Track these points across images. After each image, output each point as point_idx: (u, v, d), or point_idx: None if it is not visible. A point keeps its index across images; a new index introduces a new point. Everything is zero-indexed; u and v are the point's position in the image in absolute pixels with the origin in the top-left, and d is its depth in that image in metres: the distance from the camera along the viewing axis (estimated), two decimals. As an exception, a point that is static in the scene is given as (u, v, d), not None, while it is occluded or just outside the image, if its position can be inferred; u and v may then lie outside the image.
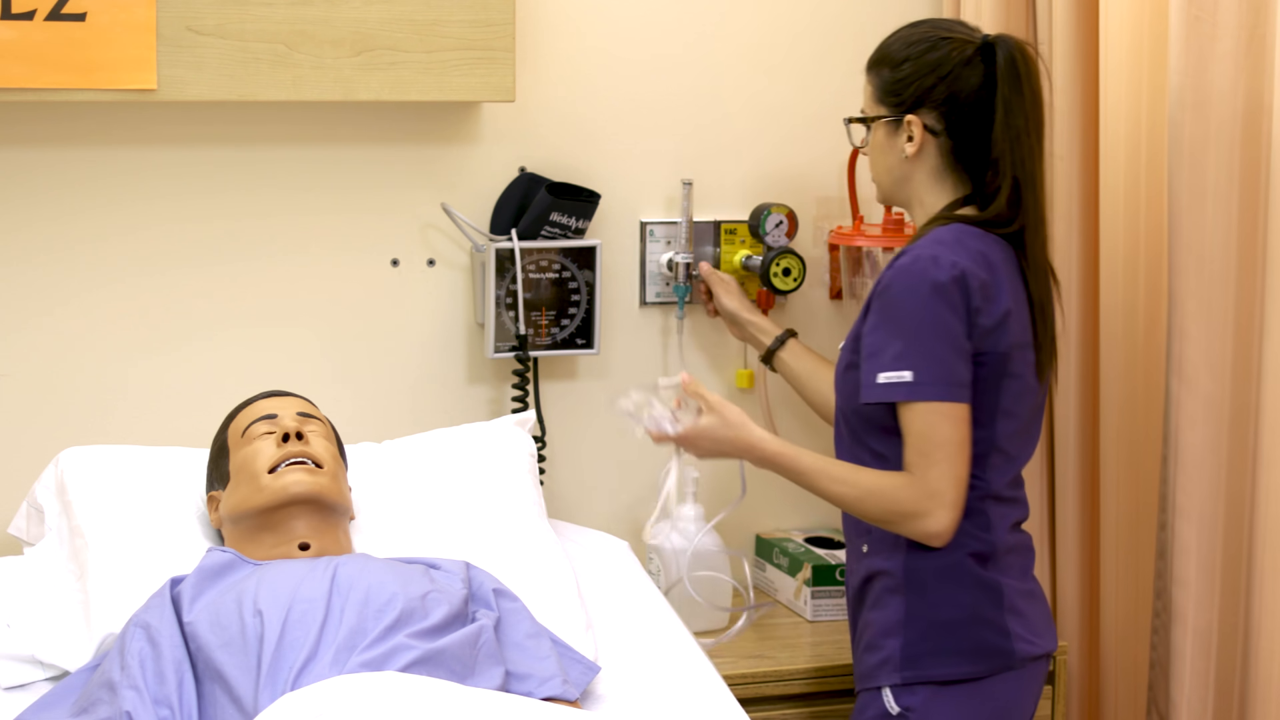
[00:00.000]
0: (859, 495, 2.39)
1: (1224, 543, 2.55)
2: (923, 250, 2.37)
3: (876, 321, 2.40)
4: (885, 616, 2.45)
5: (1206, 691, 2.56)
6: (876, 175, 2.54)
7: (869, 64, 2.53)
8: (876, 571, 2.47)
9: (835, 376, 2.53)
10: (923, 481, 2.36)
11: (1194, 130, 2.51)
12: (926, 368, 2.35)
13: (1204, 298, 2.53)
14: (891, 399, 2.37)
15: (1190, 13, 2.48)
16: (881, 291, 2.39)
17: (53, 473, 2.58)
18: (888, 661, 2.43)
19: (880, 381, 2.37)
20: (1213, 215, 2.51)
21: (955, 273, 2.35)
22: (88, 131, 2.76)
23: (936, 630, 2.42)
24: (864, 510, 2.40)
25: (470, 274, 2.96)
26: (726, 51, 3.06)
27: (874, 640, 2.47)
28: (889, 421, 2.42)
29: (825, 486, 2.42)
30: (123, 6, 2.59)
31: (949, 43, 2.44)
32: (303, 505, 2.38)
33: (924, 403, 2.36)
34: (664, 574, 2.92)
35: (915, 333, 2.36)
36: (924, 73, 2.44)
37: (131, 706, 2.12)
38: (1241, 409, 2.52)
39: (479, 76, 2.78)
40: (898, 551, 2.44)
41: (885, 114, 2.48)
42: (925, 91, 2.44)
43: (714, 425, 2.46)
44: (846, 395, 2.48)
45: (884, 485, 2.39)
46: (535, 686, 2.30)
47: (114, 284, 2.79)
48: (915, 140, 2.46)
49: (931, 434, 2.35)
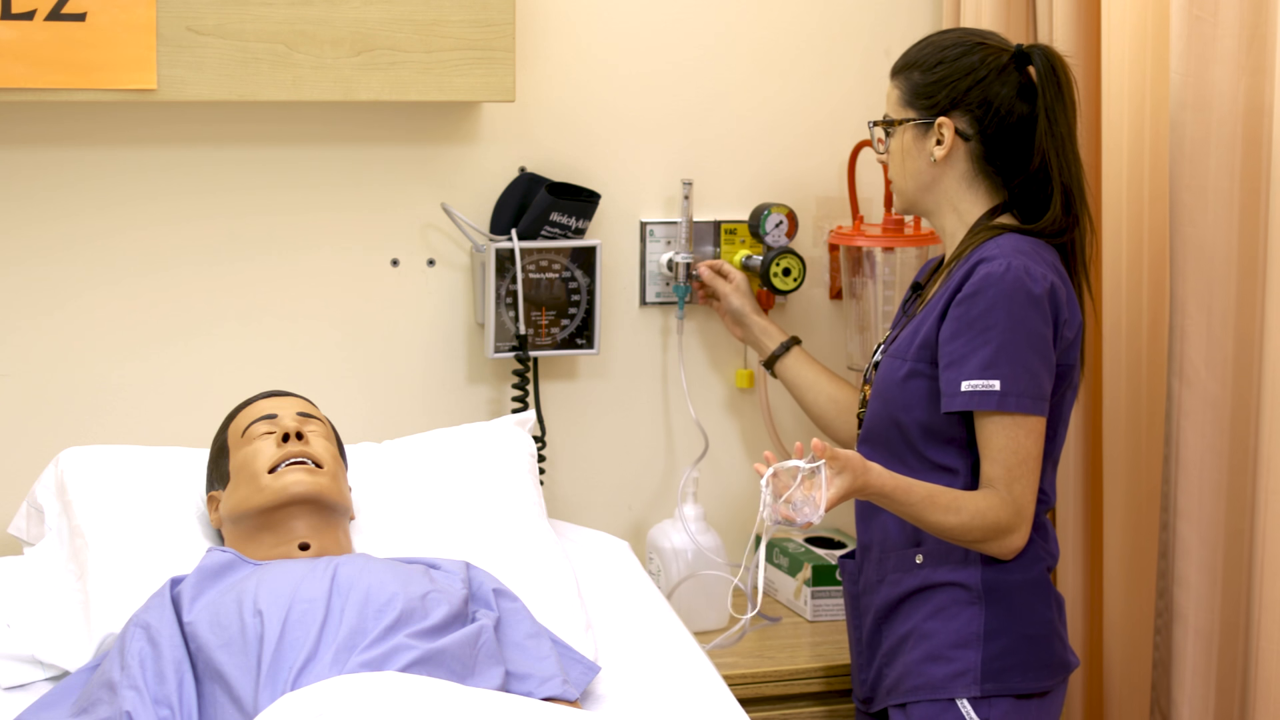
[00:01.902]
0: (965, 520, 2.33)
1: (1225, 543, 2.55)
2: (1011, 259, 2.34)
3: (958, 329, 2.36)
4: (957, 628, 2.41)
5: (1208, 691, 2.56)
6: (899, 181, 2.51)
7: (895, 69, 2.50)
8: (940, 583, 2.43)
9: (882, 385, 2.47)
10: (1010, 498, 2.33)
11: (1195, 130, 2.51)
12: (1015, 378, 2.32)
13: (1205, 298, 2.52)
14: (976, 408, 2.33)
15: (1191, 12, 2.48)
16: (966, 298, 2.35)
17: (53, 473, 2.58)
18: (965, 673, 2.39)
19: (965, 390, 2.33)
20: (1214, 215, 2.51)
21: (1047, 285, 2.35)
22: (88, 131, 2.76)
23: (1022, 644, 2.40)
24: (965, 533, 2.34)
25: (470, 274, 2.96)
26: (727, 52, 3.06)
27: (940, 651, 2.41)
28: (956, 432, 2.39)
29: (932, 516, 2.32)
30: (123, 6, 2.59)
31: (984, 49, 2.44)
32: (303, 505, 2.38)
33: (1009, 415, 2.33)
34: (664, 574, 2.92)
35: (1006, 342, 2.32)
36: (958, 76, 2.43)
37: (131, 706, 2.12)
38: (1243, 409, 2.52)
39: (479, 76, 2.78)
40: (969, 564, 2.41)
41: (915, 116, 2.46)
42: (960, 95, 2.42)
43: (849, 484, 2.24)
44: (905, 404, 2.43)
45: (984, 506, 2.33)
46: (535, 686, 2.30)
47: (114, 284, 2.79)
48: (945, 143, 2.43)
49: (1017, 448, 2.33)
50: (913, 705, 2.44)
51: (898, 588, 2.48)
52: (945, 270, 2.48)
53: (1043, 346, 2.34)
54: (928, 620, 2.44)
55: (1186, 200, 2.53)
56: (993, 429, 2.34)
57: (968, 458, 2.41)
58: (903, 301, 2.63)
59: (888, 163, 2.54)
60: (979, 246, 2.41)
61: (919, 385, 2.41)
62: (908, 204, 2.53)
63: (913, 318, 2.50)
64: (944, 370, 2.36)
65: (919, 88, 2.45)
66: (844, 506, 2.84)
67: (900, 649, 2.47)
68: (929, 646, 2.43)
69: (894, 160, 2.51)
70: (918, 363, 2.42)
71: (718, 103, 3.06)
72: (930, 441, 2.41)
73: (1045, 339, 2.35)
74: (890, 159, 2.52)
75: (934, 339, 2.40)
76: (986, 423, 2.34)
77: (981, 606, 2.40)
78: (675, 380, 3.07)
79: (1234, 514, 2.54)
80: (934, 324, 2.40)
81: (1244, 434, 2.52)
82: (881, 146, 2.53)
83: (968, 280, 2.37)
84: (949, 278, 2.43)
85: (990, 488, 2.35)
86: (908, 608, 2.46)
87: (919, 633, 2.44)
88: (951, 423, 2.39)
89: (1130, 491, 2.73)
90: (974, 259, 2.39)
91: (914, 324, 2.46)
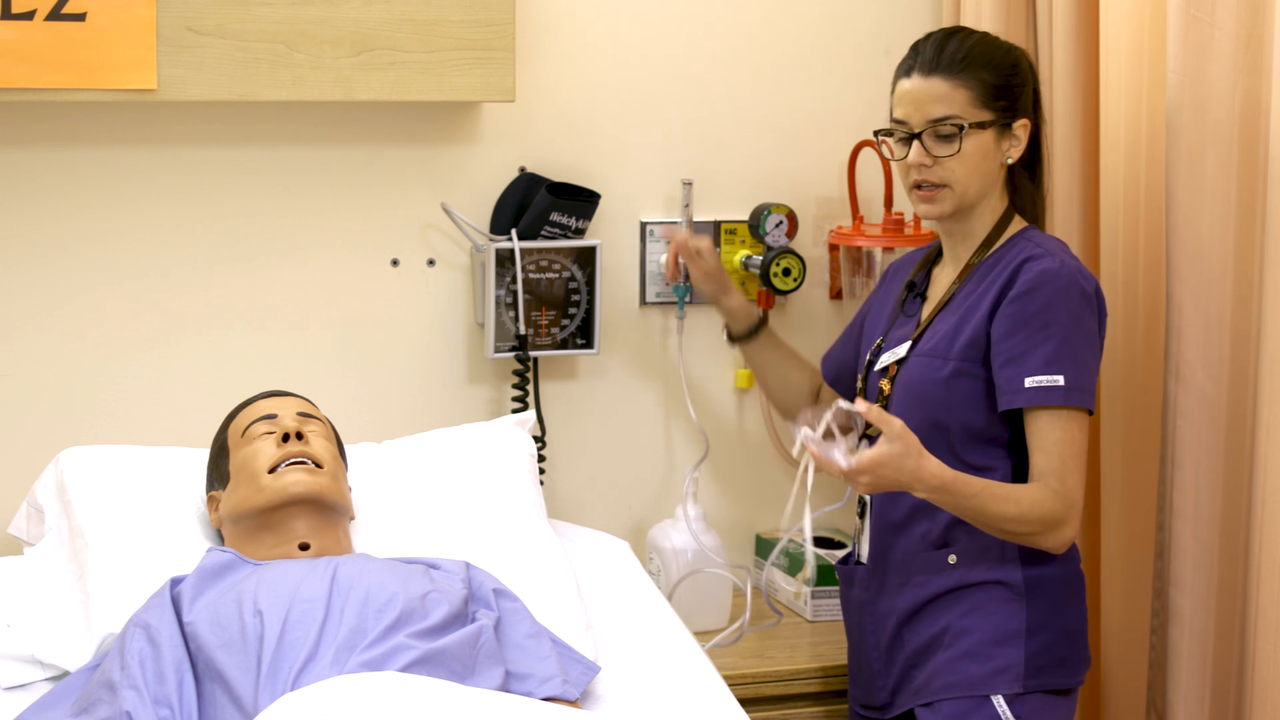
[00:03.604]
0: (1021, 511, 2.31)
1: (1221, 544, 2.55)
2: (1063, 257, 2.38)
3: (1014, 325, 2.36)
4: (996, 625, 2.39)
5: (1204, 692, 2.56)
6: (967, 182, 2.42)
7: (951, 66, 2.40)
8: (978, 581, 2.41)
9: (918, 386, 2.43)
10: (1063, 490, 2.33)
11: (1192, 130, 2.51)
12: (1077, 374, 2.34)
13: (1202, 298, 2.52)
14: (1041, 403, 2.33)
15: (1189, 13, 2.48)
16: (1022, 295, 2.36)
17: (53, 473, 2.58)
18: (1007, 669, 2.38)
19: (1029, 386, 2.33)
20: (1210, 215, 2.51)
21: (1094, 283, 2.39)
22: (88, 131, 2.76)
23: (1061, 639, 2.41)
24: (1020, 525, 2.32)
25: (470, 274, 2.96)
26: (727, 52, 3.06)
27: (979, 648, 2.40)
28: (1000, 432, 2.39)
29: (991, 507, 2.30)
30: (123, 6, 2.59)
31: (1021, 52, 2.48)
32: (303, 505, 2.38)
33: (1069, 409, 2.33)
34: (664, 574, 2.92)
35: (1068, 338, 2.34)
36: (1027, 79, 2.45)
37: (131, 706, 2.12)
38: (1239, 410, 2.52)
39: (479, 76, 2.78)
40: (1007, 561, 2.40)
41: (994, 118, 2.42)
42: (1033, 96, 2.46)
43: (897, 454, 2.23)
44: (951, 405, 2.40)
45: (1038, 497, 2.32)
46: (535, 686, 2.30)
47: (114, 284, 2.79)
48: (1021, 145, 2.44)
49: (1071, 441, 2.33)
50: (941, 703, 2.42)
51: (925, 589, 2.45)
52: (970, 267, 2.46)
53: (1095, 343, 2.39)
54: (964, 618, 2.42)
55: (1183, 200, 2.53)
56: (1049, 422, 2.33)
57: (1008, 458, 2.40)
58: (897, 301, 2.58)
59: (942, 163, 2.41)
60: (1011, 244, 2.43)
61: (966, 385, 2.40)
62: (964, 205, 2.45)
63: (934, 315, 2.47)
64: (1002, 368, 2.36)
65: (997, 89, 2.41)
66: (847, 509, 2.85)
67: (932, 648, 2.45)
68: (967, 644, 2.41)
69: (966, 161, 2.41)
70: (964, 361, 2.40)
71: (718, 103, 3.06)
72: (971, 442, 2.40)
73: (1097, 336, 2.39)
74: (961, 160, 2.40)
75: (983, 337, 2.39)
76: (1042, 416, 2.34)
77: (1023, 603, 2.39)
78: (675, 380, 3.07)
79: (1230, 514, 2.54)
80: (981, 322, 2.39)
81: (1240, 434, 2.52)
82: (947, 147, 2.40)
83: (1016, 278, 2.37)
84: (985, 276, 2.42)
85: (1041, 481, 2.34)
86: (936, 609, 2.44)
87: (954, 630, 2.42)
88: (995, 422, 2.39)
89: (1126, 492, 2.73)
90: (1016, 257, 2.40)
91: (949, 323, 2.44)
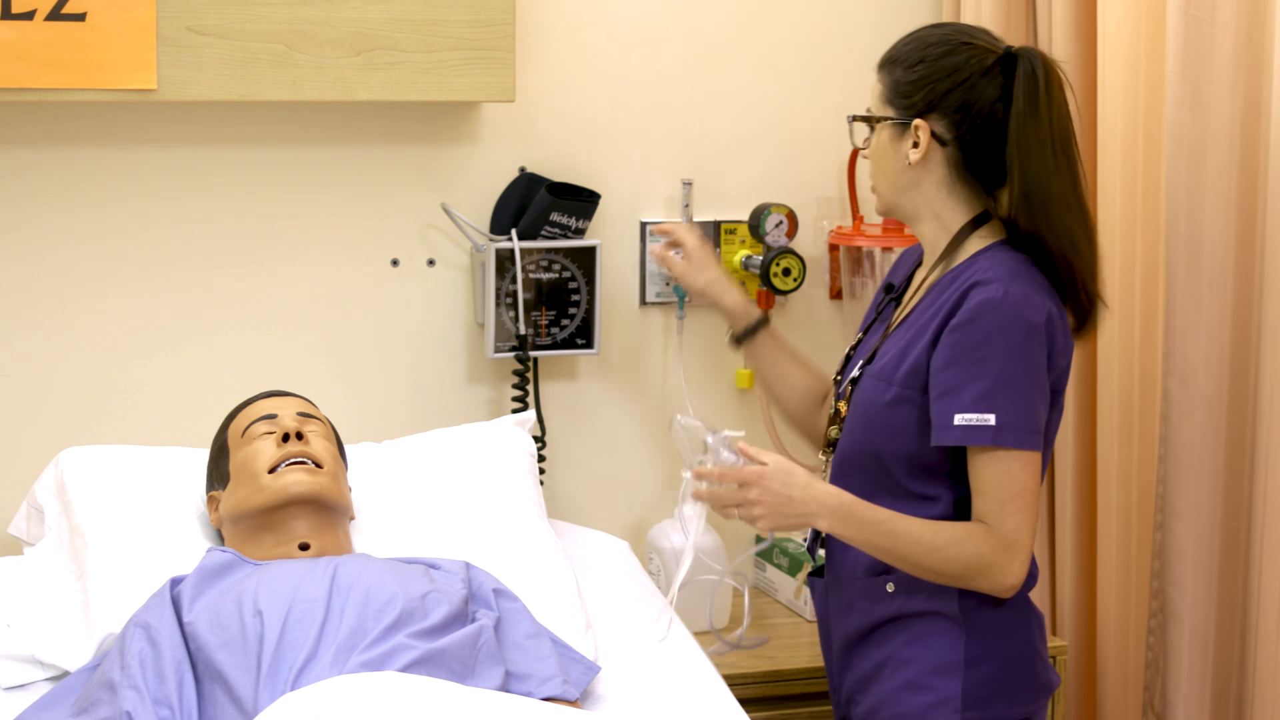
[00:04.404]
0: (937, 548, 2.22)
1: (1220, 543, 2.55)
2: (1009, 284, 2.22)
3: (951, 357, 2.23)
4: (935, 655, 2.30)
5: (1203, 691, 2.57)
6: (877, 182, 2.39)
7: (881, 62, 2.36)
8: (915, 612, 2.32)
9: (864, 407, 2.34)
10: (999, 533, 2.21)
11: (1192, 130, 2.51)
12: (1011, 412, 2.20)
13: (1201, 298, 2.53)
14: (969, 443, 2.21)
15: (1189, 13, 2.48)
16: (962, 325, 2.22)
17: (53, 473, 2.58)
18: (945, 703, 2.28)
19: (958, 424, 2.21)
20: (1210, 215, 2.51)
21: (1044, 313, 2.23)
22: (88, 131, 2.76)
23: (1004, 669, 2.30)
24: (939, 566, 2.23)
25: (470, 274, 2.96)
26: (727, 52, 3.06)
27: (919, 679, 2.31)
28: (940, 462, 2.28)
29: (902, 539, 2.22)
30: (123, 6, 2.59)
31: (969, 49, 2.29)
32: (303, 505, 2.38)
33: (1004, 450, 2.21)
34: (664, 574, 2.92)
35: (1004, 375, 2.20)
36: (939, 77, 2.28)
37: (131, 706, 2.12)
38: (1238, 409, 2.52)
39: (479, 76, 2.78)
40: (945, 591, 2.28)
41: (892, 115, 2.33)
42: (939, 97, 2.28)
43: (783, 468, 2.21)
44: (890, 432, 2.30)
45: (962, 537, 2.22)
46: (535, 686, 2.30)
47: (114, 284, 2.79)
48: (921, 147, 2.30)
49: (1009, 482, 2.21)
50: None
51: (869, 616, 2.37)
52: (927, 283, 2.36)
53: (1040, 378, 2.23)
54: (905, 647, 2.33)
55: (1183, 200, 2.53)
56: (985, 462, 2.22)
57: (951, 488, 2.30)
58: (875, 303, 2.51)
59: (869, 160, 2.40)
60: (970, 264, 2.30)
61: (905, 413, 2.29)
62: (886, 206, 2.40)
63: (892, 329, 2.38)
64: (936, 400, 2.24)
65: (899, 85, 2.32)
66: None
67: (875, 677, 2.37)
68: (907, 674, 2.32)
69: (874, 159, 2.38)
70: (905, 389, 2.29)
71: (718, 103, 3.06)
72: (913, 472, 2.30)
73: (1042, 369, 2.23)
74: (871, 157, 2.39)
75: (924, 365, 2.27)
76: (979, 456, 2.22)
77: (962, 633, 2.29)
78: (675, 380, 3.07)
79: (1230, 513, 2.54)
80: (924, 350, 2.27)
81: (1240, 434, 2.52)
82: (864, 143, 2.40)
83: (961, 305, 2.24)
84: (937, 297, 2.30)
85: (979, 522, 2.23)
86: (880, 636, 2.36)
87: (896, 660, 2.34)
88: (937, 454, 2.28)
89: (1125, 491, 2.73)
90: (966, 279, 2.27)
91: (899, 345, 2.33)
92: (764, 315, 2.71)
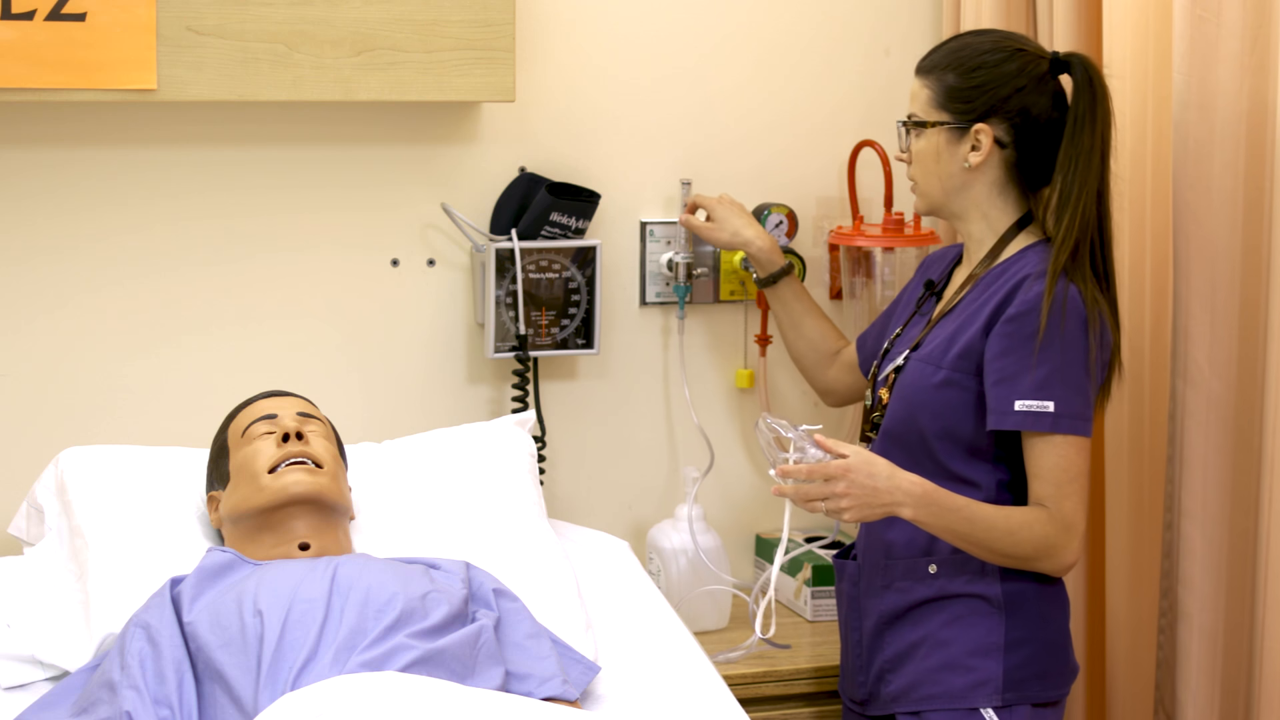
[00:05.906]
0: (1011, 529, 2.32)
1: (1229, 543, 2.55)
2: (1063, 279, 2.34)
3: (1009, 345, 2.34)
4: (975, 637, 2.40)
5: (1213, 691, 2.56)
6: (926, 182, 2.47)
7: (925, 67, 2.46)
8: (956, 593, 2.41)
9: (909, 390, 2.44)
10: (1059, 515, 2.32)
11: (1199, 130, 2.51)
12: (1068, 399, 2.32)
13: (1209, 298, 2.52)
14: (1029, 428, 2.33)
15: (1195, 13, 2.48)
16: (1018, 316, 2.33)
17: (53, 473, 2.58)
18: (986, 683, 2.38)
19: (1018, 409, 2.32)
20: (1218, 216, 2.51)
21: (1094, 307, 2.35)
22: (88, 131, 2.76)
23: (1042, 652, 2.40)
24: (1011, 549, 2.33)
25: (470, 274, 2.96)
26: (727, 52, 3.06)
27: (959, 660, 2.40)
28: (985, 445, 2.38)
29: (980, 524, 2.32)
30: (123, 6, 2.59)
31: (1023, 55, 2.41)
32: (303, 505, 2.38)
33: (1062, 435, 2.32)
34: (664, 574, 2.92)
35: (1061, 363, 2.32)
36: (1000, 82, 2.39)
37: (131, 706, 2.12)
38: (1247, 409, 2.52)
39: (479, 76, 2.78)
40: (987, 574, 2.39)
41: (949, 120, 2.42)
42: (999, 102, 2.39)
43: (865, 459, 2.29)
44: (935, 412, 2.41)
45: (1030, 520, 2.33)
46: (535, 686, 2.30)
47: (114, 284, 2.79)
48: (982, 150, 2.40)
49: (1068, 467, 2.32)
50: (930, 714, 2.42)
51: (907, 595, 2.46)
52: (974, 278, 2.46)
53: (1090, 366, 2.34)
54: (944, 628, 2.42)
55: (1190, 200, 2.53)
56: (1044, 448, 2.33)
57: (993, 472, 2.40)
58: (917, 299, 2.60)
59: (910, 162, 2.49)
60: (1017, 259, 2.41)
61: (953, 395, 2.39)
62: (933, 206, 2.49)
63: (937, 320, 2.48)
64: (993, 387, 2.34)
65: (955, 91, 2.41)
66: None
67: (910, 655, 2.45)
68: (946, 655, 2.41)
69: (922, 161, 2.46)
70: (955, 372, 2.39)
71: (718, 103, 3.06)
72: (954, 452, 2.40)
73: (1093, 358, 2.35)
74: (916, 159, 2.47)
75: (976, 350, 2.38)
76: (1037, 442, 2.33)
77: (1002, 616, 2.39)
78: (675, 380, 3.07)
79: (1239, 513, 2.54)
80: (976, 335, 2.38)
81: (1248, 434, 2.52)
82: (906, 147, 2.49)
83: (1014, 296, 2.36)
84: (985, 289, 2.41)
85: (1039, 505, 2.34)
86: (918, 615, 2.45)
87: (934, 640, 2.43)
88: (981, 435, 2.38)
89: (1134, 491, 2.73)
90: (1016, 273, 2.38)
91: (947, 332, 2.43)
92: (789, 264, 2.83)
